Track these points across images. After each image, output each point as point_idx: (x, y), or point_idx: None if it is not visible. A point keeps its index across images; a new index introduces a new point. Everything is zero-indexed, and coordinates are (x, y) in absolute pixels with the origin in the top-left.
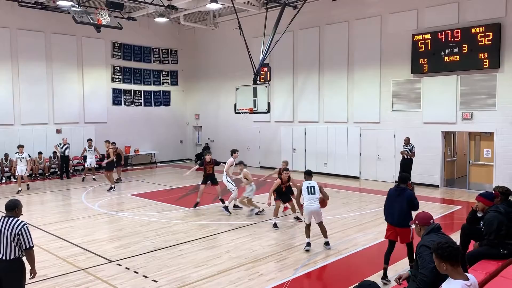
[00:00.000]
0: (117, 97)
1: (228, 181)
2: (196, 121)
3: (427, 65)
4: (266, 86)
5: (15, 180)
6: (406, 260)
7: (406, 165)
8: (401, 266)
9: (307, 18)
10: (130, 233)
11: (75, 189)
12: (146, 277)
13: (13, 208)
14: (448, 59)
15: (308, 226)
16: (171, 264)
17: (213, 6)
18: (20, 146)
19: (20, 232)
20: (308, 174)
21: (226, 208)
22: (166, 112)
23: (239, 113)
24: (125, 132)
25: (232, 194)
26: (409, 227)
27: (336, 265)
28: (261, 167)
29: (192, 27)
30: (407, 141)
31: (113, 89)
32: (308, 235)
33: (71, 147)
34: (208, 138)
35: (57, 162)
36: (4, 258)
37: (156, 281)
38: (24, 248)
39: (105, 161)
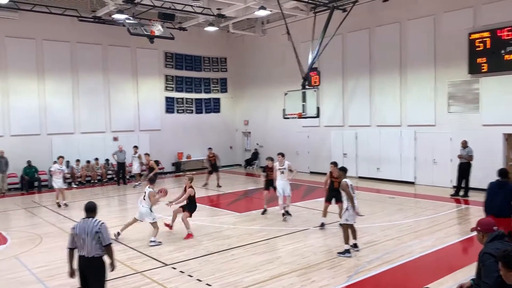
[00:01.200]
0: (170, 105)
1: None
2: (245, 127)
3: (486, 65)
4: (315, 91)
5: (75, 186)
6: (467, 268)
7: (464, 169)
8: (461, 275)
9: (356, 20)
10: (184, 237)
11: (131, 194)
12: (200, 280)
13: (93, 209)
14: (509, 57)
15: (349, 227)
16: (224, 268)
17: (262, 13)
18: (60, 157)
19: (99, 230)
20: (346, 171)
21: (287, 212)
22: (216, 118)
23: (288, 118)
24: (178, 139)
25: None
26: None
27: (391, 273)
28: (311, 172)
29: (241, 35)
30: (465, 144)
31: (166, 98)
32: (348, 240)
33: (127, 154)
34: (257, 144)
35: (112, 168)
36: (87, 255)
37: (209, 285)
38: (103, 244)
39: (150, 174)
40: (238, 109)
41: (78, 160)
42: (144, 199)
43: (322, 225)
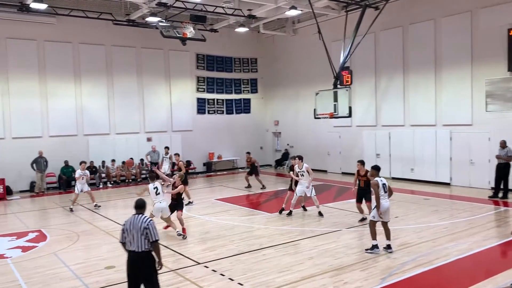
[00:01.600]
0: (201, 106)
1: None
2: (276, 127)
3: None
4: (347, 90)
5: (111, 185)
6: (506, 273)
7: (502, 170)
8: (501, 280)
9: (389, 18)
10: (216, 236)
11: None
12: (232, 279)
13: (142, 206)
14: None
15: (375, 224)
16: (255, 268)
17: (292, 12)
18: (83, 162)
19: (147, 226)
20: (379, 170)
21: (320, 213)
22: (247, 119)
23: (319, 118)
24: (209, 139)
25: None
26: None
27: (426, 276)
28: (343, 173)
29: (271, 35)
30: (503, 144)
31: (198, 99)
32: (376, 236)
33: (160, 154)
34: (288, 144)
35: (146, 168)
36: (136, 250)
37: (241, 284)
38: (151, 240)
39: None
40: (268, 110)
41: (113, 160)
42: (157, 194)
43: (363, 219)
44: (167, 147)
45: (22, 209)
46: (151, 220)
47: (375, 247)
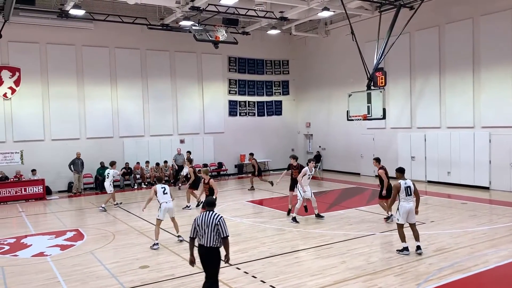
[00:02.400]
0: (233, 108)
1: (298, 190)
2: (307, 129)
3: None
4: (381, 91)
5: (145, 187)
6: None
7: None
8: None
9: (424, 18)
10: (248, 238)
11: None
12: (264, 282)
13: (213, 204)
14: None
15: (402, 227)
16: (287, 271)
17: (325, 14)
18: (114, 163)
19: (218, 223)
20: (403, 172)
21: (318, 215)
22: (278, 121)
23: (352, 120)
24: (240, 141)
25: (297, 203)
26: None
27: (464, 283)
28: (376, 176)
29: (303, 37)
30: None
31: (229, 101)
32: (404, 239)
33: (194, 156)
34: (320, 146)
35: (171, 171)
36: (205, 245)
37: (273, 287)
38: (222, 236)
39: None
40: (300, 112)
41: (147, 162)
42: (165, 193)
43: (387, 218)
44: (189, 152)
45: (61, 208)
46: (222, 217)
47: (405, 249)
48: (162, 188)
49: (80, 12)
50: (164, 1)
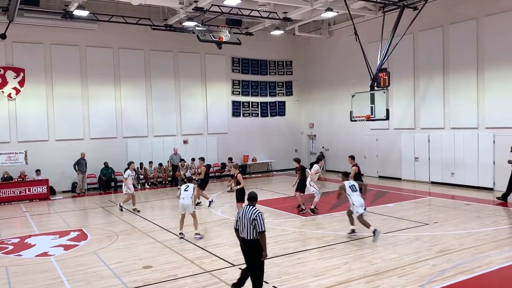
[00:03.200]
0: (236, 109)
1: (311, 186)
2: (311, 130)
3: None
4: (384, 92)
5: (148, 187)
6: None
7: None
8: None
9: (428, 18)
10: None
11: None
12: (266, 282)
13: (254, 198)
14: None
15: (362, 216)
16: (290, 272)
17: (329, 14)
18: (131, 163)
19: (256, 218)
20: (347, 176)
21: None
22: (281, 122)
23: (355, 120)
24: (244, 142)
25: (316, 197)
26: None
27: (467, 284)
28: (380, 177)
29: (307, 37)
30: None
31: (233, 102)
32: (368, 224)
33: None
34: (323, 147)
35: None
36: (245, 237)
37: None
38: (258, 231)
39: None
40: (303, 112)
41: (151, 162)
42: (186, 190)
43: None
44: (183, 160)
45: (65, 208)
46: (260, 212)
47: (375, 232)
48: (186, 186)
49: (84, 13)
50: (167, 1)
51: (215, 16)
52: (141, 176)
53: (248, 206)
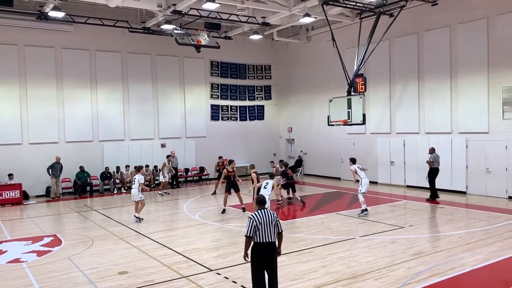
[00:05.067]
0: (215, 113)
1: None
2: (289, 134)
3: None
4: (361, 97)
5: (125, 191)
6: None
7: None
8: None
9: (404, 25)
10: (228, 243)
11: (182, 199)
12: (244, 287)
13: (265, 202)
14: None
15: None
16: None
17: (306, 20)
18: (141, 168)
19: (278, 219)
20: (272, 177)
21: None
22: (260, 125)
23: (333, 125)
24: (222, 146)
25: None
26: None
27: (441, 286)
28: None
29: (285, 42)
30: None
31: (212, 105)
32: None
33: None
34: (301, 151)
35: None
36: (270, 241)
37: None
38: (279, 231)
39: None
40: (282, 116)
41: (127, 166)
42: (265, 188)
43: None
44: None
45: (38, 213)
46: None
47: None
48: (265, 183)
49: (59, 14)
50: (145, 4)
51: (194, 19)
52: (117, 180)
53: (265, 210)
